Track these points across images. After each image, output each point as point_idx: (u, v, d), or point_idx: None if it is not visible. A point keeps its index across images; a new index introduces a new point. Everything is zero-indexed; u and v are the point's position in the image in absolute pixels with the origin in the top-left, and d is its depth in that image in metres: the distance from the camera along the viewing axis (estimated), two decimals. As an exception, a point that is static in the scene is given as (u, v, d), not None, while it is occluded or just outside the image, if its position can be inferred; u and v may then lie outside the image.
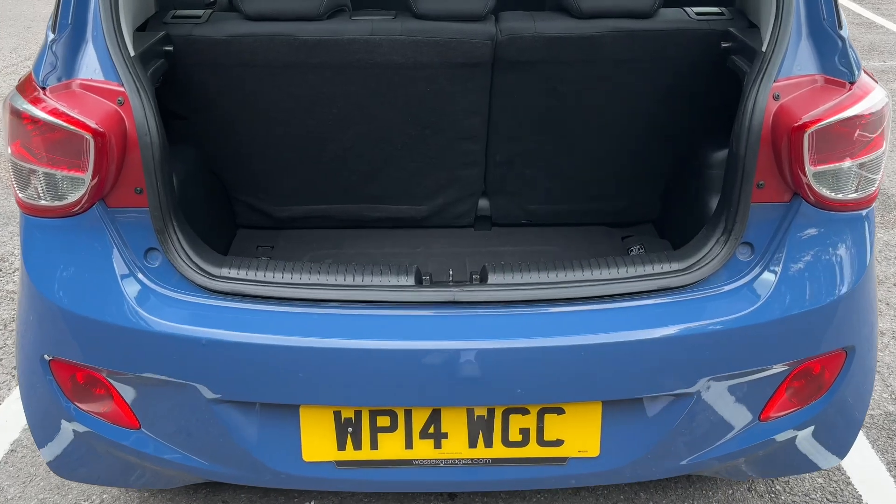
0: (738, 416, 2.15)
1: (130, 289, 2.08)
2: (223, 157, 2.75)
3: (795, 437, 2.22)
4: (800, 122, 1.94)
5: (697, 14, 2.49)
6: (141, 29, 2.34)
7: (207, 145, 2.70)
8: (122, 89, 2.00)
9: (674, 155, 2.82)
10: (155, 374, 2.05)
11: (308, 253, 2.85)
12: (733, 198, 2.11)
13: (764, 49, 2.12)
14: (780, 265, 2.12)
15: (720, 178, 2.56)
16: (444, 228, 3.04)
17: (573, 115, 2.66)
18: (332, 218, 2.97)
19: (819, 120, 1.94)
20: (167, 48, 2.32)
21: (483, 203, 2.98)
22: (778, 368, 2.12)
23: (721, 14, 2.50)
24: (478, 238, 2.99)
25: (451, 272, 2.24)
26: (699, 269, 2.12)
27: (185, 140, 2.68)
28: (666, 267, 2.15)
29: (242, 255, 2.81)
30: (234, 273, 2.11)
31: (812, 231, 2.08)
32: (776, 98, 2.04)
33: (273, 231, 3.01)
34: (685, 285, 2.12)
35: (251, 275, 2.11)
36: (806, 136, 1.94)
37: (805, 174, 1.98)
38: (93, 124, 1.90)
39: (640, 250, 2.83)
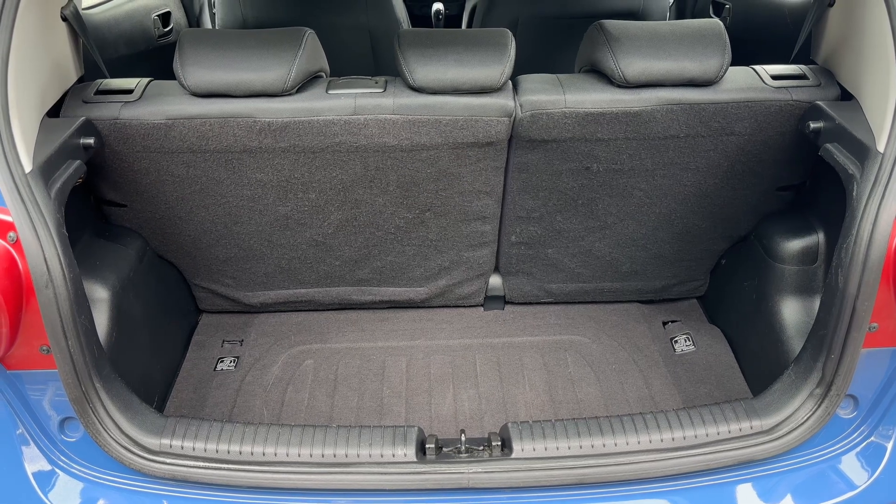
0: None
1: (36, 472, 1.57)
2: (174, 246, 2.21)
3: None
4: None
5: (774, 77, 1.92)
6: (53, 112, 1.78)
7: (154, 233, 2.16)
8: (9, 220, 1.47)
9: (729, 237, 2.28)
10: None
11: (285, 351, 2.33)
12: (835, 343, 1.59)
13: (882, 148, 1.58)
14: None
15: (793, 275, 2.07)
16: (448, 309, 2.51)
17: (608, 194, 2.11)
18: (314, 301, 2.44)
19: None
20: (87, 141, 1.77)
21: (495, 281, 2.45)
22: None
23: (803, 77, 1.92)
24: (489, 322, 2.46)
25: (462, 435, 1.71)
26: (789, 433, 1.62)
27: (126, 225, 2.14)
28: (745, 426, 1.64)
29: (203, 353, 2.30)
30: (176, 444, 1.60)
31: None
32: None
33: (243, 317, 2.48)
34: (771, 456, 1.61)
35: (199, 447, 1.60)
36: None
37: None
38: None
39: (689, 344, 2.32)
